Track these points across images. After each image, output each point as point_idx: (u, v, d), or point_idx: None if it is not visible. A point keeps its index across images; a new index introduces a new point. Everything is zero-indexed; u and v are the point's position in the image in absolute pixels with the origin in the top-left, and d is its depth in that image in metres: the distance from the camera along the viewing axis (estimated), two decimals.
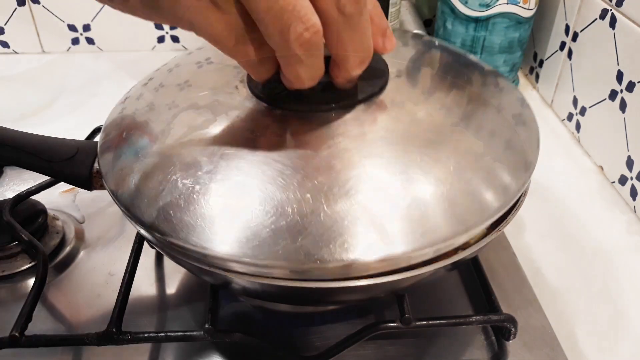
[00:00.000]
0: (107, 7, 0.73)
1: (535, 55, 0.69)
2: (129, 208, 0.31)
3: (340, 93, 0.32)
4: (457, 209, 0.29)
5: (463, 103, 0.34)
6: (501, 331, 0.36)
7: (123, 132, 0.34)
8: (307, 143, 0.30)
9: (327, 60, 0.31)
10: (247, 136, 0.31)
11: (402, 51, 0.39)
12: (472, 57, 0.40)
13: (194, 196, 0.29)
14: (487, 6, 0.60)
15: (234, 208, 0.29)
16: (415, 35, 0.43)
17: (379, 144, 0.30)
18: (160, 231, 0.29)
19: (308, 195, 0.28)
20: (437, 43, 0.42)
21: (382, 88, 0.33)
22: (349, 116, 0.32)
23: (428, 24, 0.72)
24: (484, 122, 0.33)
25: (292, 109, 0.32)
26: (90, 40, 0.76)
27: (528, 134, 0.35)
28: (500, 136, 0.33)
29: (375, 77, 0.34)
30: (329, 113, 0.32)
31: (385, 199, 0.29)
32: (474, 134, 0.32)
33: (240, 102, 0.33)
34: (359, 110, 0.32)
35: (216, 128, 0.32)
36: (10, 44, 0.75)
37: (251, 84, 0.34)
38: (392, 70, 0.35)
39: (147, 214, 0.30)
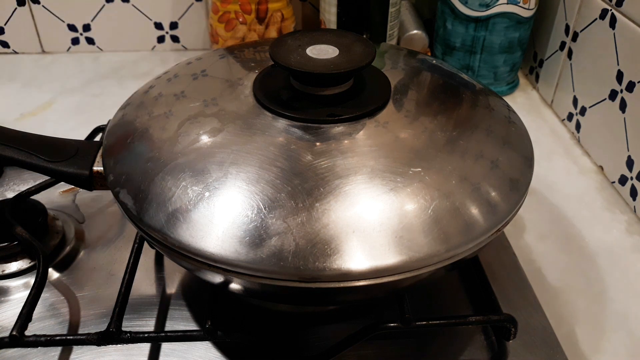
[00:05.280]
0: (107, 7, 0.73)
1: (535, 55, 0.69)
2: (136, 212, 0.31)
3: (342, 107, 0.33)
4: (445, 229, 0.29)
5: (455, 124, 0.35)
6: (501, 331, 0.36)
7: (128, 138, 0.34)
8: (307, 155, 0.31)
9: (329, 75, 0.32)
10: (250, 146, 0.31)
11: (398, 70, 0.39)
12: (464, 76, 0.41)
13: (204, 202, 0.29)
14: (487, 6, 0.60)
15: (241, 215, 0.29)
16: (410, 53, 0.43)
17: (373, 160, 0.31)
18: (169, 236, 0.29)
19: (297, 206, 0.28)
20: (431, 62, 0.42)
21: (383, 106, 0.34)
22: (347, 131, 0.32)
23: (428, 24, 0.72)
24: (475, 143, 0.34)
25: (294, 119, 0.33)
26: (90, 40, 0.76)
27: (522, 152, 0.35)
28: (491, 156, 0.33)
29: (377, 94, 0.35)
30: (331, 125, 0.32)
31: (370, 217, 0.29)
32: (464, 155, 0.33)
33: (245, 112, 0.34)
34: (357, 126, 0.33)
35: (224, 137, 0.32)
36: (10, 44, 0.75)
37: (257, 93, 0.35)
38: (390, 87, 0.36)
39: (156, 219, 0.30)
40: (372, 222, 0.28)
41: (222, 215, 0.29)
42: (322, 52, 0.34)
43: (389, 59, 0.41)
